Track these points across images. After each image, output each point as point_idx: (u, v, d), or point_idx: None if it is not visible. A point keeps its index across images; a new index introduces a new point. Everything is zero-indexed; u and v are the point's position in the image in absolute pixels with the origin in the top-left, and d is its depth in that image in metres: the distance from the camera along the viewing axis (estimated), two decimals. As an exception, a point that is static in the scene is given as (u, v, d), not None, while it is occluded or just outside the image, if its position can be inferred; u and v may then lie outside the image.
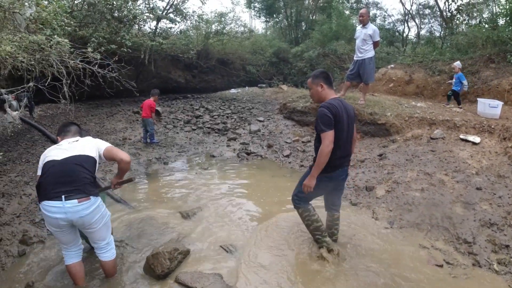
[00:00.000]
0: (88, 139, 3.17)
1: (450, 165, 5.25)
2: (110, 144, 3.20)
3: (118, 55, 6.90)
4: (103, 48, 7.71)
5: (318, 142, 3.32)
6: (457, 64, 8.33)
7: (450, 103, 8.45)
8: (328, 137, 3.15)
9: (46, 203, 2.71)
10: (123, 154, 3.11)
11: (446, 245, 3.93)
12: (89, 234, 3.05)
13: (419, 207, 4.50)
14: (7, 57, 3.85)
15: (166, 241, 4.00)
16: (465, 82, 8.06)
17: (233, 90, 16.92)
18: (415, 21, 19.01)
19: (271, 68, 18.50)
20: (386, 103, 8.18)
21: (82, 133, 3.36)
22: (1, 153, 4.99)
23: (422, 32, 19.54)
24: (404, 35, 19.67)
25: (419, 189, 4.79)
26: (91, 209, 2.85)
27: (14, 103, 7.37)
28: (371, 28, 7.33)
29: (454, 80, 8.27)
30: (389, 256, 3.71)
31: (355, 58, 7.70)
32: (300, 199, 3.61)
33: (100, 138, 7.56)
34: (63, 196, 2.71)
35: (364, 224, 4.44)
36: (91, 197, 2.84)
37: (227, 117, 10.72)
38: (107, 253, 3.20)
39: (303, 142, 7.92)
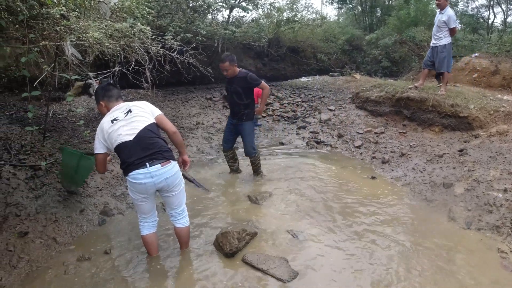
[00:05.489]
0: (139, 105, 3.22)
1: (537, 165, 4.74)
2: (162, 112, 3.32)
3: (194, 43, 7.15)
4: (180, 36, 8.04)
5: (249, 93, 5.43)
6: None
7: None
8: (266, 83, 5.40)
9: (133, 173, 2.99)
10: (172, 124, 3.30)
11: (526, 251, 3.59)
12: (170, 199, 3.28)
13: (501, 208, 4.12)
14: (94, 42, 4.15)
15: (234, 222, 4.13)
16: None
17: (303, 79, 16.65)
18: (501, 7, 17.20)
19: (343, 56, 17.95)
20: (469, 94, 7.58)
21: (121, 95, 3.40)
22: (88, 131, 5.45)
23: (509, 19, 17.68)
24: (489, 21, 17.93)
25: (502, 190, 4.37)
26: (173, 171, 3.14)
27: (98, 87, 7.99)
28: (447, 13, 6.90)
29: None
30: (462, 257, 3.52)
31: (431, 45, 7.40)
32: (255, 148, 5.51)
33: (176, 122, 8.05)
34: (147, 163, 2.98)
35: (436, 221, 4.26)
36: (171, 161, 3.13)
37: (297, 105, 10.62)
38: (183, 219, 3.44)
39: (376, 133, 7.58)
